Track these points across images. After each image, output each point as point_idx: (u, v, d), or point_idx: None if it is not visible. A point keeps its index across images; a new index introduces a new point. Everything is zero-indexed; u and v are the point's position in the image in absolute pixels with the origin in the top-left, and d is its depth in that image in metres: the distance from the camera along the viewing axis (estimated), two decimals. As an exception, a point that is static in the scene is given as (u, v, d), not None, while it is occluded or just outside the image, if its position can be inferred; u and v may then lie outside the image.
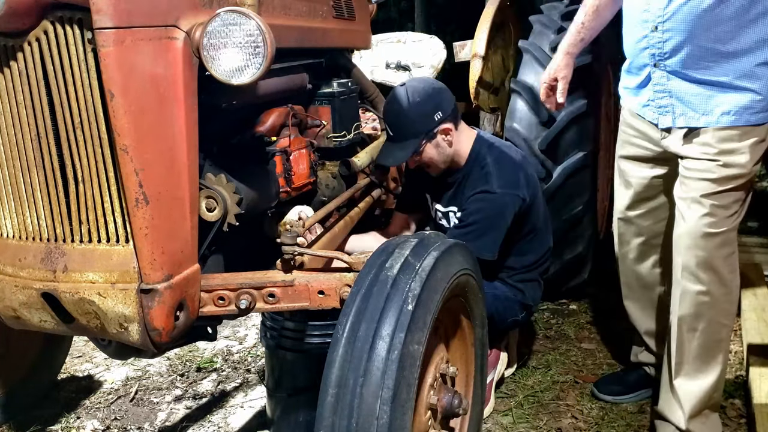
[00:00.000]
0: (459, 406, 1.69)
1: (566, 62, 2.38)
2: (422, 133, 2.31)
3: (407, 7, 9.57)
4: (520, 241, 2.46)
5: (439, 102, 2.33)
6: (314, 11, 2.23)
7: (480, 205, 2.30)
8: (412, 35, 3.84)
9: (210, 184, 1.72)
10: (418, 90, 2.33)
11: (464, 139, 2.42)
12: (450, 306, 1.75)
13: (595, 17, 2.34)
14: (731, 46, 1.93)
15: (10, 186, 1.58)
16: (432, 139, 2.34)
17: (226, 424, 2.53)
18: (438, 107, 2.32)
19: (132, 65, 1.41)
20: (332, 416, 1.36)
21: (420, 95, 2.32)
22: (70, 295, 1.53)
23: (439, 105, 2.32)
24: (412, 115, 2.31)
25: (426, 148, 2.35)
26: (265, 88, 1.86)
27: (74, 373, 2.98)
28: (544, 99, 2.46)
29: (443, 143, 2.35)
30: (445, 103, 2.35)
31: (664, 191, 2.28)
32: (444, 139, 2.35)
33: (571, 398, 2.59)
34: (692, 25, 1.94)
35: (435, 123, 2.32)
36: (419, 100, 2.31)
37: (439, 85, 2.41)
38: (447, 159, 2.41)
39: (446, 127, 2.34)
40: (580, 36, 2.37)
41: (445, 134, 2.34)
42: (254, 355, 3.10)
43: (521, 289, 2.50)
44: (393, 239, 1.66)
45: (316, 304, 1.70)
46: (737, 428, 2.35)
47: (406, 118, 2.32)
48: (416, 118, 2.31)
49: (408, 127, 2.32)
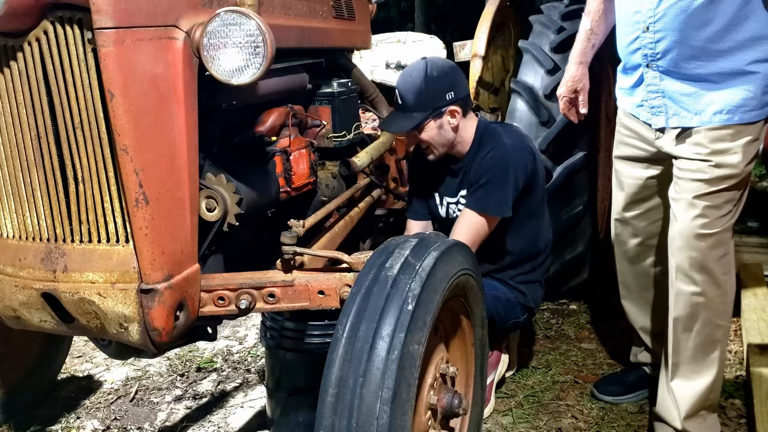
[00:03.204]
0: (459, 406, 1.68)
1: (582, 72, 2.38)
2: (431, 109, 2.30)
3: (407, 7, 9.59)
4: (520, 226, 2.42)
5: (454, 81, 2.33)
6: (314, 11, 2.23)
7: (489, 164, 2.30)
8: (412, 35, 3.85)
9: (210, 184, 1.72)
10: (438, 66, 2.33)
11: (469, 126, 2.41)
12: (450, 306, 1.75)
13: (602, 22, 2.33)
14: (722, 44, 1.93)
15: (10, 186, 1.58)
16: (438, 118, 2.32)
17: (226, 424, 2.53)
18: (452, 87, 2.31)
19: (132, 65, 1.41)
20: (332, 416, 1.36)
21: (438, 71, 2.31)
22: (70, 295, 1.53)
23: (454, 85, 2.32)
24: (426, 88, 2.30)
25: (429, 125, 2.32)
26: (265, 88, 1.86)
27: (74, 373, 2.98)
28: (565, 112, 2.45)
29: (447, 126, 2.34)
30: (459, 85, 2.35)
31: (659, 192, 2.28)
32: (449, 121, 2.33)
33: (571, 398, 2.59)
34: (683, 25, 1.94)
35: (445, 102, 2.30)
36: (436, 75, 2.30)
37: (458, 69, 2.41)
38: (447, 143, 2.38)
39: (455, 109, 2.32)
40: (590, 43, 2.36)
41: (452, 116, 2.33)
42: (254, 355, 3.10)
43: (523, 291, 2.48)
44: (393, 239, 1.66)
45: (316, 304, 1.70)
46: (737, 428, 2.35)
47: (420, 89, 2.30)
48: (429, 91, 2.30)
49: (418, 99, 2.31)
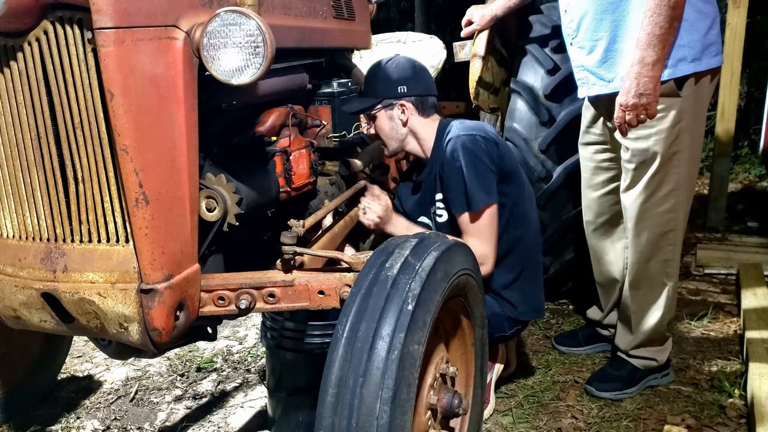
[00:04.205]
0: (459, 406, 1.68)
1: (490, 19, 2.98)
2: (381, 97, 2.35)
3: (407, 7, 9.58)
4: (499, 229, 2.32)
5: (409, 78, 2.36)
6: (314, 11, 2.23)
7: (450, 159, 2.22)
8: (412, 35, 3.85)
9: (210, 184, 1.72)
10: (399, 62, 2.39)
11: (429, 127, 2.39)
12: (450, 306, 1.75)
13: None
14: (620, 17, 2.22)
15: (10, 186, 1.58)
16: (389, 109, 2.36)
17: (226, 424, 2.53)
18: (405, 82, 2.35)
19: (132, 65, 1.41)
20: (332, 416, 1.36)
21: (396, 65, 2.37)
22: (70, 295, 1.53)
23: (408, 81, 2.35)
24: (380, 76, 2.37)
25: (381, 115, 2.37)
26: (265, 88, 1.86)
27: (74, 373, 2.98)
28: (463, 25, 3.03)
29: (397, 119, 2.36)
30: (415, 83, 2.36)
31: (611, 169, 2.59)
32: (399, 115, 2.36)
33: (571, 398, 2.59)
34: None
35: (396, 94, 2.34)
36: (392, 68, 2.36)
37: (423, 70, 2.42)
38: (399, 138, 2.40)
39: (404, 104, 2.35)
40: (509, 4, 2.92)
41: (401, 110, 2.35)
42: (254, 355, 3.10)
43: (513, 303, 2.39)
44: (393, 239, 1.66)
45: (316, 304, 1.70)
46: (737, 428, 2.35)
47: (375, 76, 2.38)
48: (382, 80, 2.36)
49: (372, 85, 2.37)
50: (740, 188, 5.89)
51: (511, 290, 2.40)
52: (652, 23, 2.03)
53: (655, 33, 2.03)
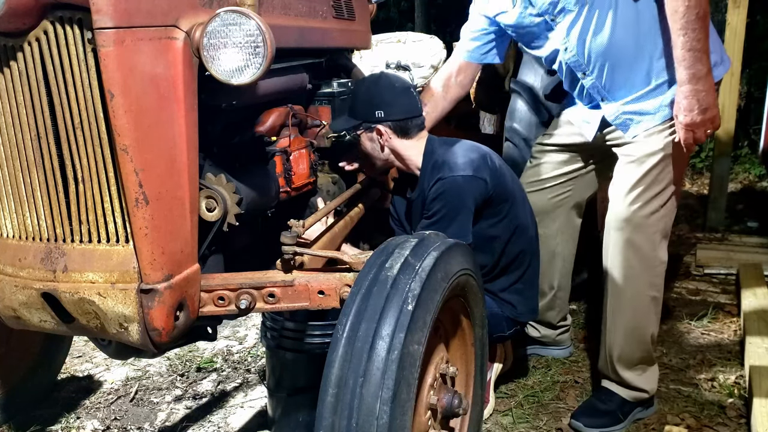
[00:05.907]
0: (459, 406, 1.68)
1: None
2: (361, 120, 2.30)
3: (407, 7, 9.60)
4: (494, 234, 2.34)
5: (388, 103, 2.27)
6: (314, 11, 2.22)
7: (437, 194, 2.21)
8: (412, 35, 3.84)
9: (210, 184, 1.72)
10: (381, 84, 2.32)
11: (414, 148, 2.33)
12: (450, 306, 1.75)
13: None
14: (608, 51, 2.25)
15: (10, 186, 1.58)
16: (369, 132, 2.31)
17: (226, 424, 2.53)
18: (381, 107, 2.26)
19: (132, 65, 1.41)
20: (332, 416, 1.36)
21: (378, 87, 2.30)
22: (70, 295, 1.53)
23: (385, 107, 2.27)
24: (361, 97, 2.31)
25: (363, 137, 2.33)
26: (265, 88, 1.86)
27: (74, 373, 2.98)
28: None
29: (377, 143, 2.32)
30: (392, 108, 2.28)
31: None
32: (378, 138, 2.30)
33: (571, 398, 2.59)
34: None
35: (374, 119, 2.28)
36: (373, 90, 2.30)
37: (404, 93, 2.32)
38: (382, 160, 2.37)
39: (381, 129, 2.28)
40: None
41: (379, 135, 2.29)
42: (254, 355, 3.10)
43: (513, 303, 2.41)
44: (393, 239, 1.66)
45: (316, 304, 1.70)
46: (737, 428, 2.35)
47: (356, 97, 2.33)
48: (363, 102, 2.30)
49: (353, 106, 2.32)
50: (740, 188, 5.90)
51: (510, 293, 2.42)
52: (690, 39, 1.98)
53: (697, 48, 1.99)
